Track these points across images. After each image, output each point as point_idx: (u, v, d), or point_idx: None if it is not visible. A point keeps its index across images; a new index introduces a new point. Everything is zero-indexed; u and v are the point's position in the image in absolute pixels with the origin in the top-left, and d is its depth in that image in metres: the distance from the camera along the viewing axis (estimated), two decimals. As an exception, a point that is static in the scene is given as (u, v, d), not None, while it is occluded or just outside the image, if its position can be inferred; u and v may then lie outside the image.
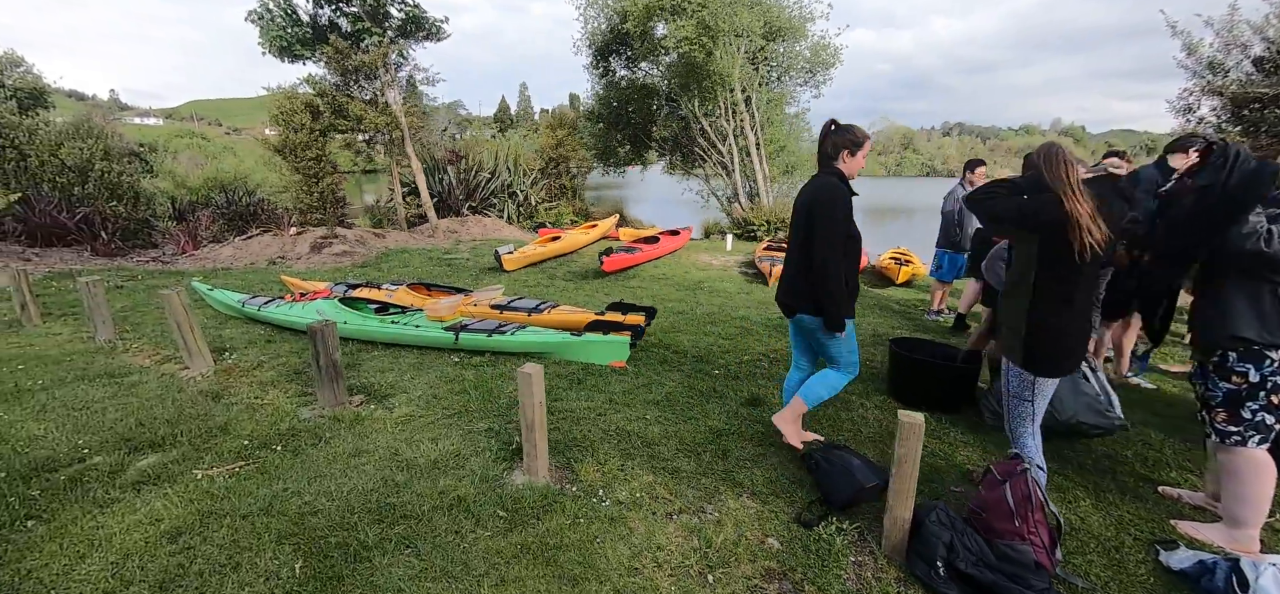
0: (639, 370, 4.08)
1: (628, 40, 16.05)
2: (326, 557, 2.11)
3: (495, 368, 4.06)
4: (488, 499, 2.50)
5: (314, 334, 3.25)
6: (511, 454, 2.90)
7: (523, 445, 2.69)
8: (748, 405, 3.55)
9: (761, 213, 13.49)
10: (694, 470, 2.82)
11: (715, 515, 2.47)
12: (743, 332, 5.11)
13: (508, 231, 13.24)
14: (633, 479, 2.71)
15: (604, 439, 3.06)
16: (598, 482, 2.68)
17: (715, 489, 2.67)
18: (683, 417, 3.36)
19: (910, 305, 6.47)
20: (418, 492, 2.55)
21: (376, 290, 5.76)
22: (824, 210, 2.56)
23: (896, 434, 2.09)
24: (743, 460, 2.90)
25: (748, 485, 2.70)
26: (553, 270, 8.34)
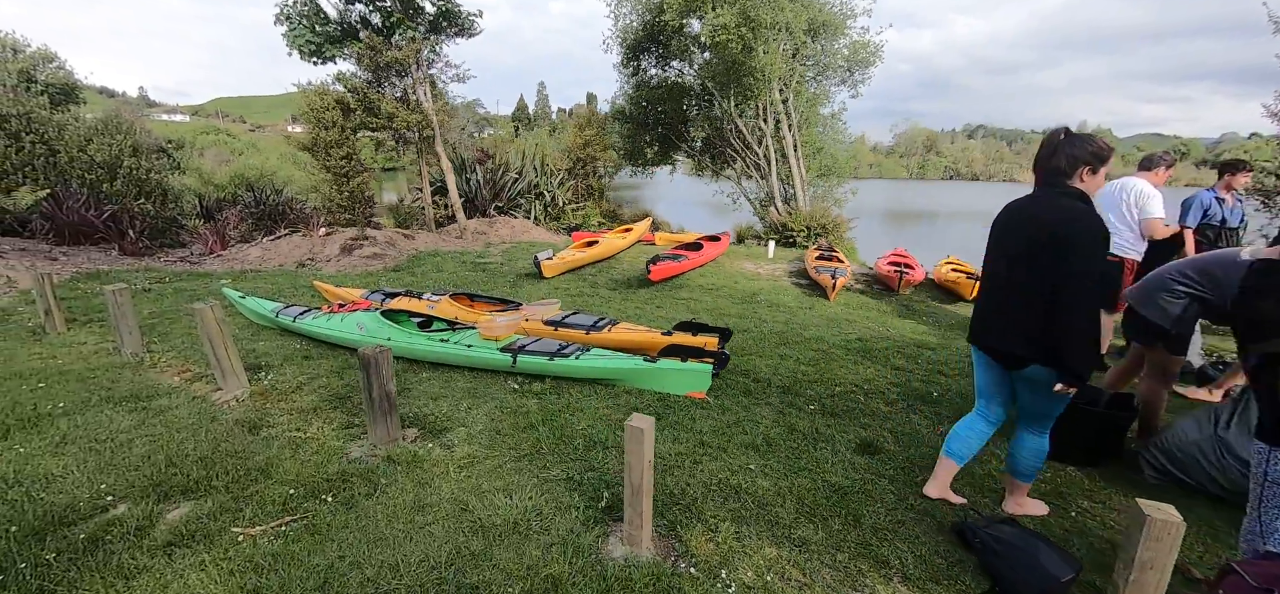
0: (722, 404, 3.60)
1: (659, 38, 15.61)
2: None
3: (560, 397, 3.61)
4: (588, 581, 2.04)
5: (366, 362, 2.82)
6: (601, 513, 2.44)
7: (626, 510, 2.22)
8: (862, 453, 3.05)
9: (800, 218, 12.93)
10: (824, 542, 2.33)
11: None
12: (822, 356, 4.60)
13: (537, 233, 12.84)
14: (754, 553, 2.24)
15: (707, 495, 2.59)
16: (713, 556, 2.21)
17: (857, 570, 2.18)
18: (791, 467, 2.87)
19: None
20: (500, 567, 2.10)
21: (417, 301, 5.35)
22: (1083, 246, 2.04)
23: (1139, 532, 1.59)
24: (881, 530, 2.41)
25: (896, 565, 2.21)
26: (593, 278, 7.89)
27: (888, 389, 3.96)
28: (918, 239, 21.12)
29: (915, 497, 2.66)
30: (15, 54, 15.83)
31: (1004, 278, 2.34)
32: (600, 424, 3.25)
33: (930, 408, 3.68)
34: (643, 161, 18.12)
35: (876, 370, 4.32)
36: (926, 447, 3.14)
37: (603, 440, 3.05)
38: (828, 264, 7.81)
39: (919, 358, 4.65)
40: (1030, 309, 2.21)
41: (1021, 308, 2.26)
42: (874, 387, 4.00)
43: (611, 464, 2.83)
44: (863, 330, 5.43)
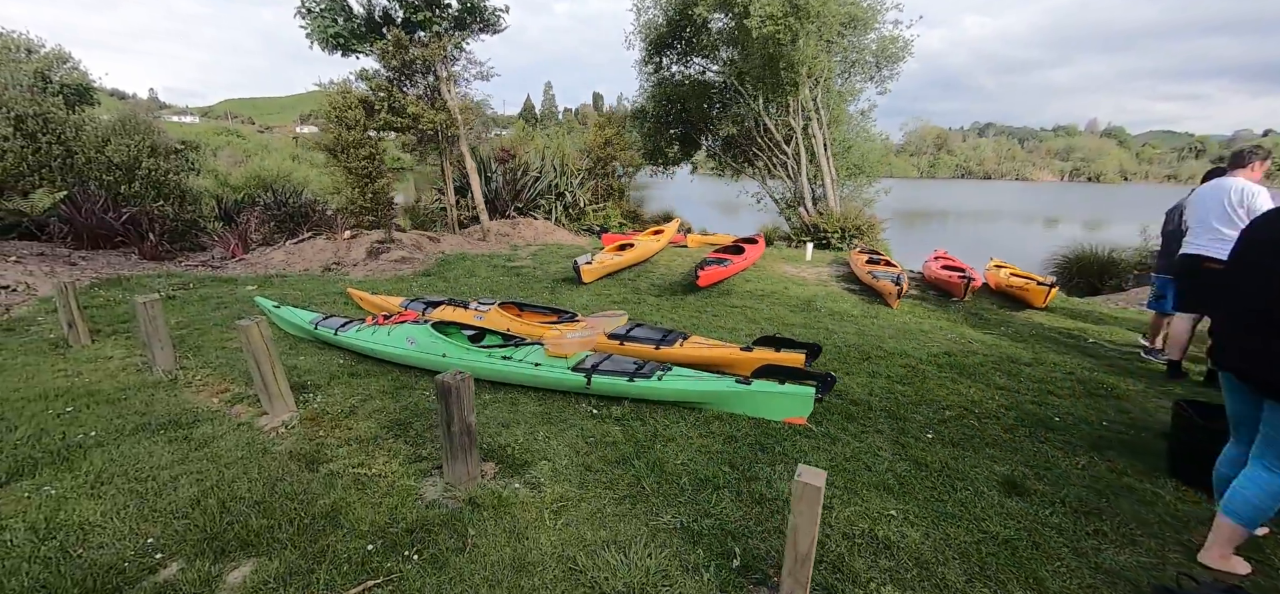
0: (826, 431, 3.21)
1: (682, 33, 15.23)
2: None
3: (644, 423, 3.23)
4: (753, 674, 1.66)
5: (445, 391, 2.45)
6: (736, 575, 2.06)
7: (784, 581, 1.84)
8: (1009, 494, 2.66)
9: (832, 219, 12.51)
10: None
11: None
12: (913, 373, 4.20)
13: (560, 235, 12.49)
14: (934, 630, 1.85)
15: (854, 551, 2.20)
16: (890, 636, 1.82)
17: (1065, 653, 1.79)
18: (935, 512, 2.48)
19: (1081, 335, 5.48)
20: (640, 653, 1.72)
21: (463, 311, 4.98)
22: None
23: None
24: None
25: (1113, 648, 1.81)
26: (633, 283, 7.51)
27: (1000, 412, 3.56)
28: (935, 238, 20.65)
29: (1093, 549, 2.26)
30: (29, 54, 15.59)
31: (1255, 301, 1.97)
32: (701, 457, 2.87)
33: (1057, 436, 3.28)
34: (663, 161, 17.75)
35: (979, 389, 3.92)
36: (1076, 485, 2.75)
37: (711, 478, 2.67)
38: (883, 269, 7.40)
39: (1018, 374, 4.24)
40: None
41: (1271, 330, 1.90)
42: (984, 409, 3.59)
43: (728, 509, 2.45)
44: (943, 342, 5.02)
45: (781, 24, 10.17)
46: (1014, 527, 2.40)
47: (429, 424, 3.18)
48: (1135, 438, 3.28)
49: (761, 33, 10.28)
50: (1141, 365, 4.56)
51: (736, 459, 2.86)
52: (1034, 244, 19.28)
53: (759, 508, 2.47)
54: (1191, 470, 2.79)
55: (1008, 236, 23.66)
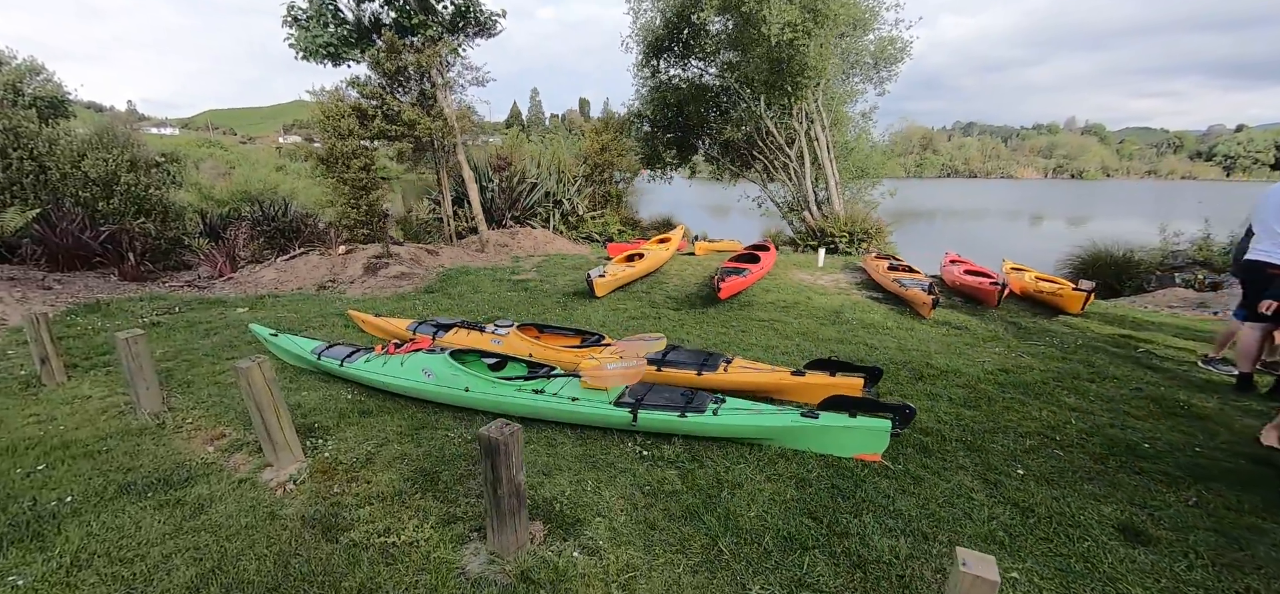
0: (905, 468, 2.88)
1: (680, 36, 14.96)
2: None
3: (703, 465, 2.88)
4: None
5: (492, 448, 2.08)
6: (858, 670, 1.71)
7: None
8: (1128, 541, 2.35)
9: (839, 222, 12.28)
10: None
11: None
12: (973, 394, 3.89)
13: (561, 244, 12.11)
14: None
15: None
16: None
17: None
18: (1060, 568, 2.16)
19: (1129, 344, 5.22)
20: None
21: (479, 335, 4.60)
22: None
23: None
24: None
25: None
26: (647, 295, 7.17)
27: (1081, 439, 3.26)
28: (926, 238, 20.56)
29: (1258, 619, 1.95)
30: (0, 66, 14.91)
31: None
32: (776, 508, 2.52)
33: (1152, 465, 2.98)
34: (661, 165, 17.46)
35: (1050, 411, 3.62)
36: (1200, 529, 2.44)
37: (796, 536, 2.32)
38: (908, 276, 7.12)
39: (1085, 392, 3.96)
40: None
41: None
42: (1064, 436, 3.29)
43: (825, 577, 2.11)
44: (992, 357, 4.72)
45: (799, 30, 9.93)
46: (1153, 586, 2.08)
47: (459, 475, 2.80)
48: (1237, 466, 2.99)
49: (781, 39, 10.02)
50: (1203, 376, 4.30)
51: (817, 508, 2.51)
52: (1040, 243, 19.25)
53: (860, 575, 2.12)
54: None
55: (1002, 235, 23.68)
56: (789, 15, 9.87)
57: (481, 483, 2.43)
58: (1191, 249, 8.37)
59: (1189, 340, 5.23)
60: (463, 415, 3.51)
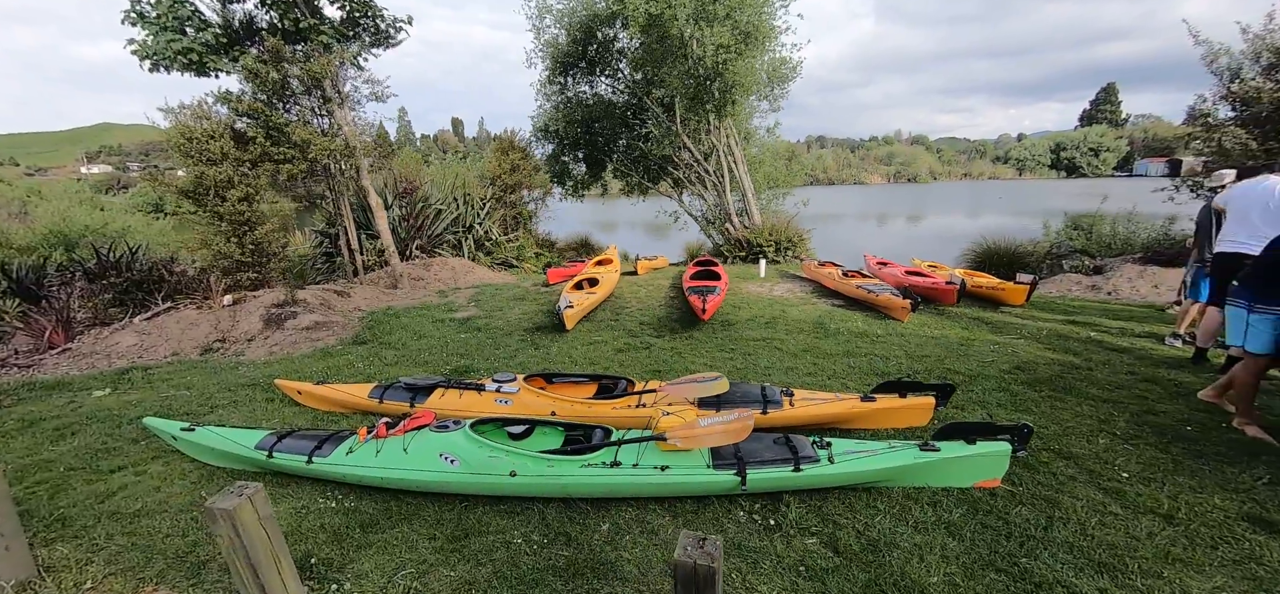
0: (1027, 490, 2.73)
1: (586, 53, 14.63)
2: None
3: (839, 525, 2.49)
4: None
5: (695, 581, 1.52)
6: None
7: None
8: (1265, 531, 2.37)
9: (763, 232, 12.65)
10: None
11: None
12: (1013, 396, 3.94)
13: (483, 273, 11.08)
14: None
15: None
16: None
17: None
18: (1250, 576, 2.09)
19: (1082, 330, 5.75)
20: None
21: (476, 395, 3.80)
22: None
23: None
24: None
25: None
26: (617, 323, 6.63)
27: (1132, 432, 3.38)
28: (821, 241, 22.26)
29: None
30: None
31: None
32: (955, 566, 2.21)
33: (1205, 446, 3.15)
34: (572, 184, 16.89)
35: (1087, 405, 3.75)
36: (1303, 508, 2.56)
37: (1040, 589, 2.03)
38: (864, 281, 7.36)
39: (1097, 381, 4.20)
40: None
41: None
42: (1119, 428, 3.40)
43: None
44: (994, 355, 4.87)
45: (731, 51, 10.06)
46: (1337, 584, 2.08)
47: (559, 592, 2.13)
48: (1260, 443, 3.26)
49: (715, 59, 10.08)
50: (1168, 353, 4.81)
51: (993, 558, 2.25)
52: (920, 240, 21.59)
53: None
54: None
55: (879, 234, 26.36)
56: (722, 38, 9.99)
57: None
58: (1077, 239, 9.72)
59: (1124, 320, 5.92)
60: (507, 505, 2.78)
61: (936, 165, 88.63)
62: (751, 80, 11.81)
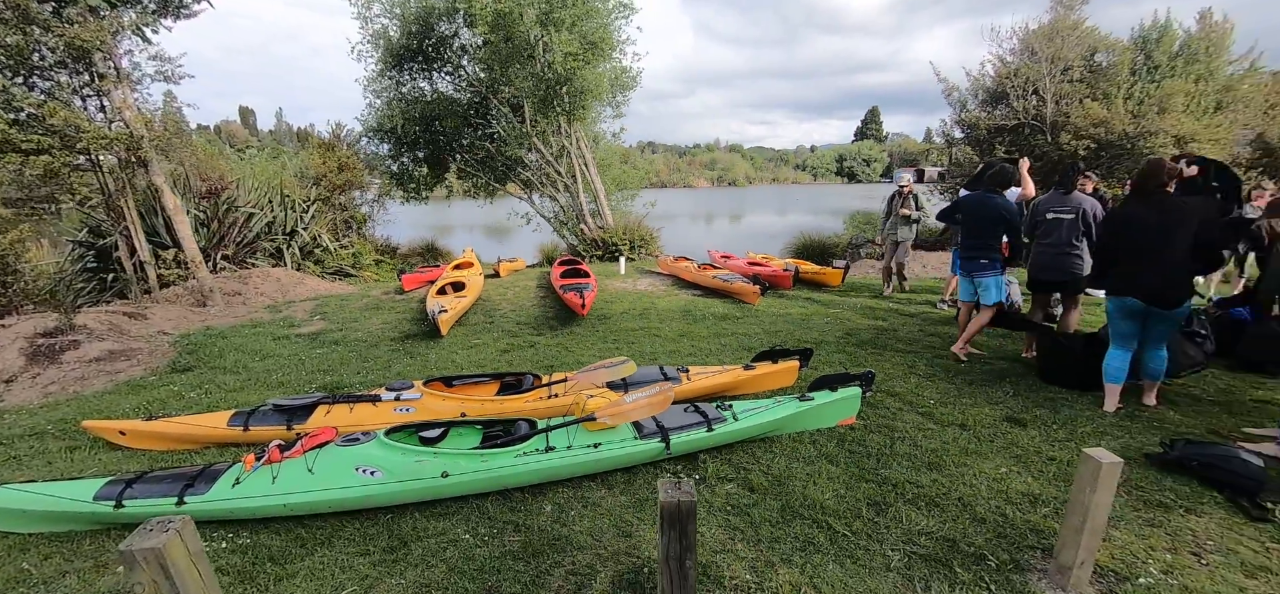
0: (876, 421, 3.51)
1: (424, 48, 13.81)
2: None
3: (748, 471, 2.94)
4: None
5: (677, 517, 1.79)
6: (997, 572, 2.14)
7: (1062, 554, 2.02)
8: (1017, 426, 3.40)
9: (617, 232, 13.25)
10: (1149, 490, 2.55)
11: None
12: (850, 356, 4.90)
13: (315, 284, 9.90)
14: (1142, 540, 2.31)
15: (1017, 508, 2.52)
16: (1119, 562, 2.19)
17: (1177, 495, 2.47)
18: (1012, 457, 3.02)
19: (879, 299, 7.22)
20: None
21: (370, 408, 3.55)
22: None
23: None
24: (1149, 471, 2.76)
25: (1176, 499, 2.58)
26: (496, 325, 6.51)
27: (933, 373, 4.47)
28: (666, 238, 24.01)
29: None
30: None
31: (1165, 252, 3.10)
32: (841, 484, 2.80)
33: (977, 377, 4.32)
34: (413, 186, 15.73)
35: (900, 357, 4.83)
36: (1042, 408, 3.70)
37: (877, 499, 2.65)
38: (719, 271, 8.25)
39: (904, 338, 5.38)
40: (1180, 268, 3.18)
41: (1174, 269, 3.19)
42: (923, 370, 4.46)
43: (920, 519, 2.49)
44: (829, 326, 5.93)
45: (579, 59, 10.33)
46: (1060, 450, 3.10)
47: (530, 579, 2.23)
48: (1012, 367, 4.55)
49: (566, 66, 10.25)
50: (941, 314, 6.32)
51: (865, 473, 2.90)
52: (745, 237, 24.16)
53: (938, 509, 2.57)
54: (1057, 374, 4.07)
55: (709, 232, 29.03)
56: (570, 46, 10.25)
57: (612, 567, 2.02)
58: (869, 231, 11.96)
59: (910, 292, 7.56)
60: (440, 507, 2.73)
61: (751, 171, 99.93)
62: (601, 87, 12.34)
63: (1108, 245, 3.53)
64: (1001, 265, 4.55)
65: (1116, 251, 3.42)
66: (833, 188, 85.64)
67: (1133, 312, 3.34)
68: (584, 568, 2.28)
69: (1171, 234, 3.14)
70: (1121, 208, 3.52)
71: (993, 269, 4.43)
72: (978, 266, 4.46)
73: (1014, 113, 12.26)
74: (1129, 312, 3.37)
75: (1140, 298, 3.26)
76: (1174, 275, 3.16)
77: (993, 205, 4.43)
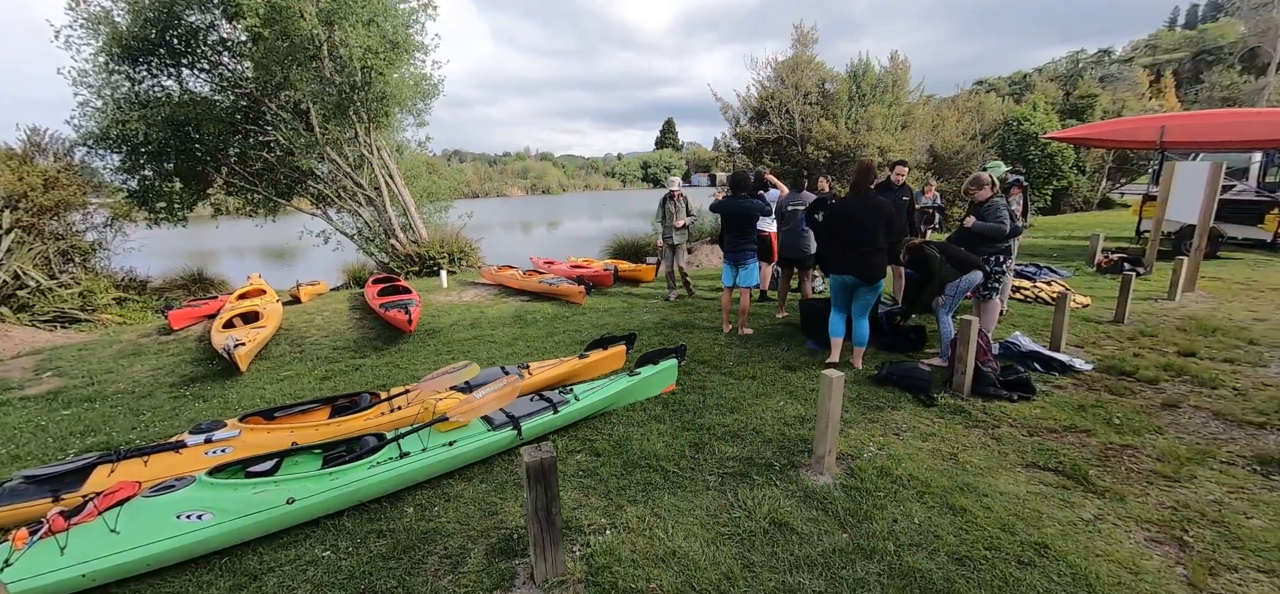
0: (693, 383, 4.25)
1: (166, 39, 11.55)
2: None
3: (592, 443, 3.39)
4: (804, 506, 2.70)
5: (540, 473, 2.16)
6: (788, 466, 2.96)
7: (817, 446, 2.91)
8: (791, 370, 4.45)
9: (434, 245, 12.70)
10: (866, 407, 3.65)
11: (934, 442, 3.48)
12: (667, 337, 5.67)
13: (25, 335, 7.73)
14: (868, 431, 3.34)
15: (797, 427, 3.43)
16: (862, 452, 3.19)
17: (884, 399, 3.62)
18: (786, 390, 3.99)
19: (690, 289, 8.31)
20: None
21: (173, 457, 3.13)
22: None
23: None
24: (866, 385, 3.92)
25: (893, 399, 3.77)
26: (306, 355, 5.91)
27: (731, 343, 5.47)
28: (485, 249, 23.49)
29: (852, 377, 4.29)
30: None
31: (868, 239, 4.26)
32: (668, 436, 3.41)
33: (761, 341, 5.42)
34: (163, 205, 12.93)
35: (704, 334, 5.76)
36: (805, 359, 4.83)
37: (694, 442, 3.31)
38: (545, 276, 8.58)
39: (706, 319, 6.37)
40: (875, 252, 4.26)
41: (871, 252, 4.27)
42: (726, 340, 5.43)
43: (730, 451, 3.21)
44: (651, 316, 6.70)
45: (380, 57, 9.63)
46: (818, 382, 4.16)
47: (403, 573, 2.35)
48: (784, 329, 5.77)
49: (365, 63, 9.45)
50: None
51: (686, 425, 3.56)
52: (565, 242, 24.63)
53: (740, 440, 3.33)
54: (812, 329, 5.35)
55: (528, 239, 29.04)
56: (370, 41, 9.55)
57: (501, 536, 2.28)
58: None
59: (711, 280, 8.81)
60: (286, 536, 2.63)
61: (564, 178, 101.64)
62: (406, 92, 11.73)
63: (828, 232, 4.74)
64: (757, 253, 5.72)
65: (835, 237, 4.64)
66: (640, 193, 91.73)
67: (847, 286, 4.54)
68: (456, 550, 2.48)
69: (874, 227, 4.38)
70: (839, 203, 4.78)
71: (752, 256, 5.54)
72: (742, 255, 5.52)
73: (774, 128, 14.98)
74: (844, 286, 4.56)
75: (853, 274, 4.46)
76: (875, 258, 4.40)
77: (747, 205, 5.51)
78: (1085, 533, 2.48)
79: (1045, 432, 3.42)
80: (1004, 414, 3.64)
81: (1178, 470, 2.94)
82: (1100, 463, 3.05)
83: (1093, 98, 24.30)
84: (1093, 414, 3.61)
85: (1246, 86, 35.99)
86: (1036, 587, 2.15)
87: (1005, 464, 3.07)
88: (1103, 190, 24.03)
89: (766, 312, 6.60)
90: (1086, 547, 2.38)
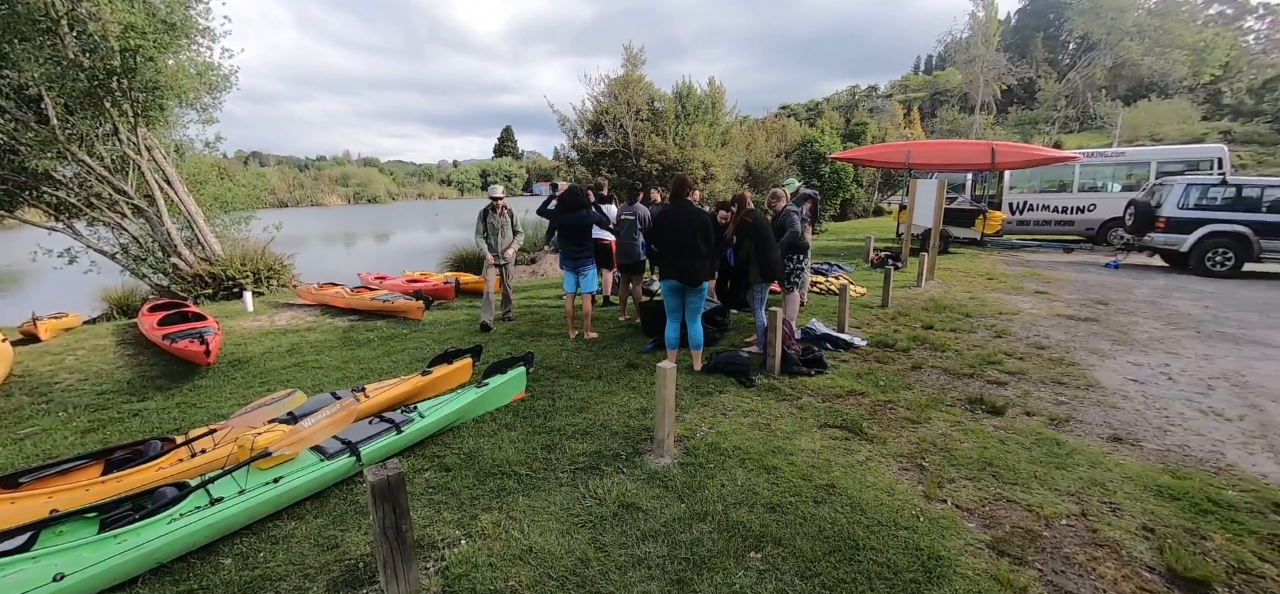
0: (543, 390, 4.35)
1: None
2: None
3: (441, 459, 3.32)
4: (651, 486, 3.10)
5: (386, 492, 2.13)
6: (635, 452, 3.26)
7: (657, 431, 3.27)
8: (633, 370, 4.81)
9: (231, 263, 10.88)
10: (696, 395, 4.13)
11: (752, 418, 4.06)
12: (516, 347, 5.68)
13: None
14: (714, 421, 3.79)
15: (640, 417, 3.77)
16: (699, 441, 3.62)
17: (716, 385, 4.15)
18: (635, 385, 4.32)
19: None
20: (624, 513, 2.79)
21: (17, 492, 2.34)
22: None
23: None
24: (701, 377, 4.42)
25: (720, 385, 4.32)
26: (54, 404, 4.67)
27: (578, 345, 5.68)
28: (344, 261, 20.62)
29: (686, 373, 4.76)
30: None
31: (689, 245, 4.74)
32: (521, 441, 3.48)
33: (610, 344, 5.72)
34: None
35: (554, 340, 5.89)
36: (645, 357, 5.23)
37: (546, 444, 3.44)
38: (377, 292, 7.90)
39: (561, 322, 6.49)
40: (701, 257, 4.76)
41: (695, 258, 4.77)
42: (577, 343, 5.62)
43: (580, 448, 3.41)
44: (496, 322, 6.61)
45: (147, 39, 7.94)
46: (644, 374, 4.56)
47: (223, 622, 2.10)
48: (629, 330, 6.15)
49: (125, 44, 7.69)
50: (578, 303, 7.81)
51: (537, 429, 3.67)
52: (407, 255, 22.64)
53: (591, 438, 3.55)
54: (650, 327, 5.82)
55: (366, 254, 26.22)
56: (130, 18, 7.85)
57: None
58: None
59: (557, 287, 8.94)
60: None
61: (392, 186, 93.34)
62: (187, 83, 9.91)
63: (654, 239, 5.18)
64: (597, 260, 6.06)
65: (662, 245, 5.09)
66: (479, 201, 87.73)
67: (675, 289, 5.01)
68: (293, 591, 2.29)
69: (692, 233, 4.89)
70: (661, 213, 5.25)
71: (590, 264, 5.87)
72: (581, 263, 5.82)
73: (610, 141, 15.73)
74: (673, 290, 5.02)
75: (677, 279, 4.94)
76: (696, 262, 4.90)
77: (581, 217, 5.80)
78: (860, 471, 3.15)
79: (834, 397, 4.22)
80: (804, 387, 4.39)
81: (919, 415, 3.86)
82: (871, 417, 3.87)
83: (864, 125, 29.69)
84: (866, 380, 4.54)
85: (964, 121, 46.91)
86: (826, 518, 2.70)
87: (805, 427, 3.73)
88: (876, 200, 29.44)
89: (609, 315, 6.97)
90: (860, 481, 3.03)
